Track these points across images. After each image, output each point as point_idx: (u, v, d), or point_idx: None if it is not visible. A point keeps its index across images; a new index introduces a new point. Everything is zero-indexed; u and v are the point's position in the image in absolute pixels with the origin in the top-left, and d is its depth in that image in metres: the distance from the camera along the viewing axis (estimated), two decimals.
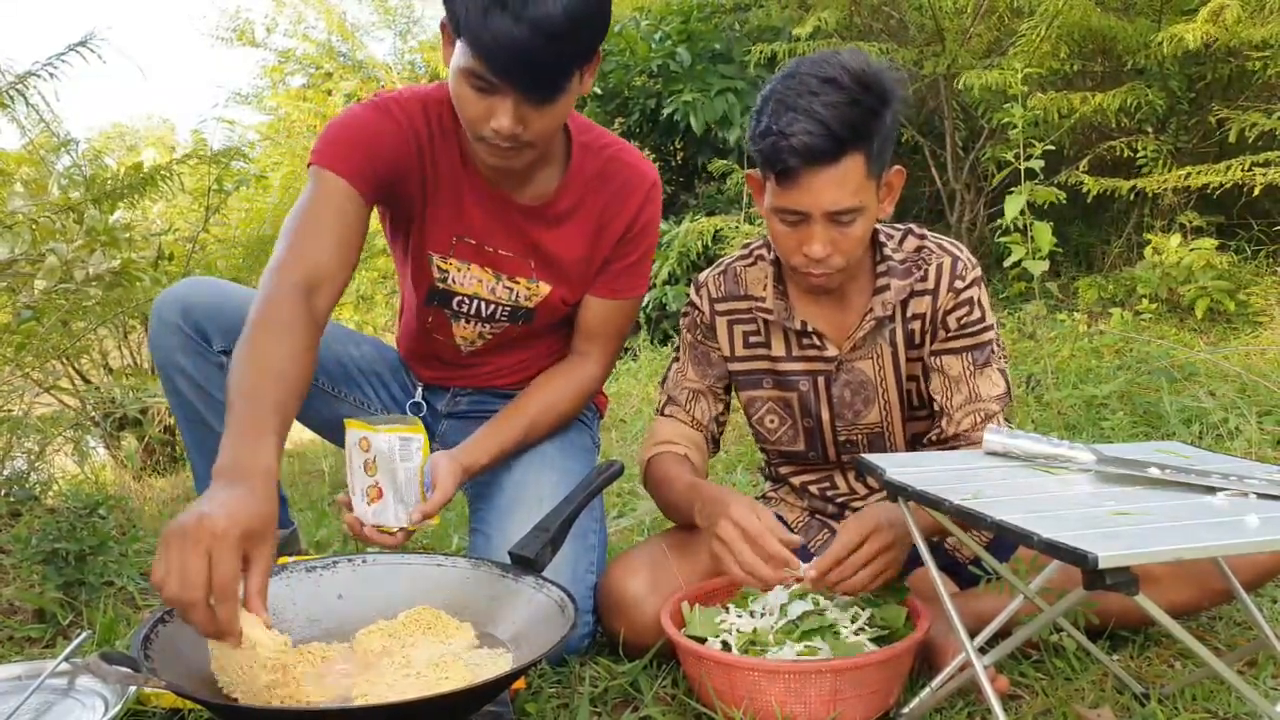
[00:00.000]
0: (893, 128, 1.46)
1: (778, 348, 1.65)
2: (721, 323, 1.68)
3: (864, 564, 1.35)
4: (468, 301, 1.71)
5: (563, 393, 1.71)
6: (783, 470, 1.74)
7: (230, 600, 1.03)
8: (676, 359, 1.74)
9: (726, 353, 1.68)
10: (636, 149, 1.73)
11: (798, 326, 1.61)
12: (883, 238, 1.60)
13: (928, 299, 1.58)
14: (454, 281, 1.69)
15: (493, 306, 1.71)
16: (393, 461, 1.47)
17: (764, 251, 1.67)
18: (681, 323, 1.74)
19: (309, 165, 1.52)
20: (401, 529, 1.49)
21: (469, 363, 1.81)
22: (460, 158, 1.60)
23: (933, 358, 1.59)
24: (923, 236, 1.61)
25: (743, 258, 1.69)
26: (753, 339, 1.67)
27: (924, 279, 1.58)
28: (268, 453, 1.15)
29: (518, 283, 1.69)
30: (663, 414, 1.72)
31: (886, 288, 1.58)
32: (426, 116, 1.58)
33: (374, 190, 1.53)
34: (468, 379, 1.84)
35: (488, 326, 1.74)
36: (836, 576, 1.35)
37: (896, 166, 1.52)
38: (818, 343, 1.61)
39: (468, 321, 1.74)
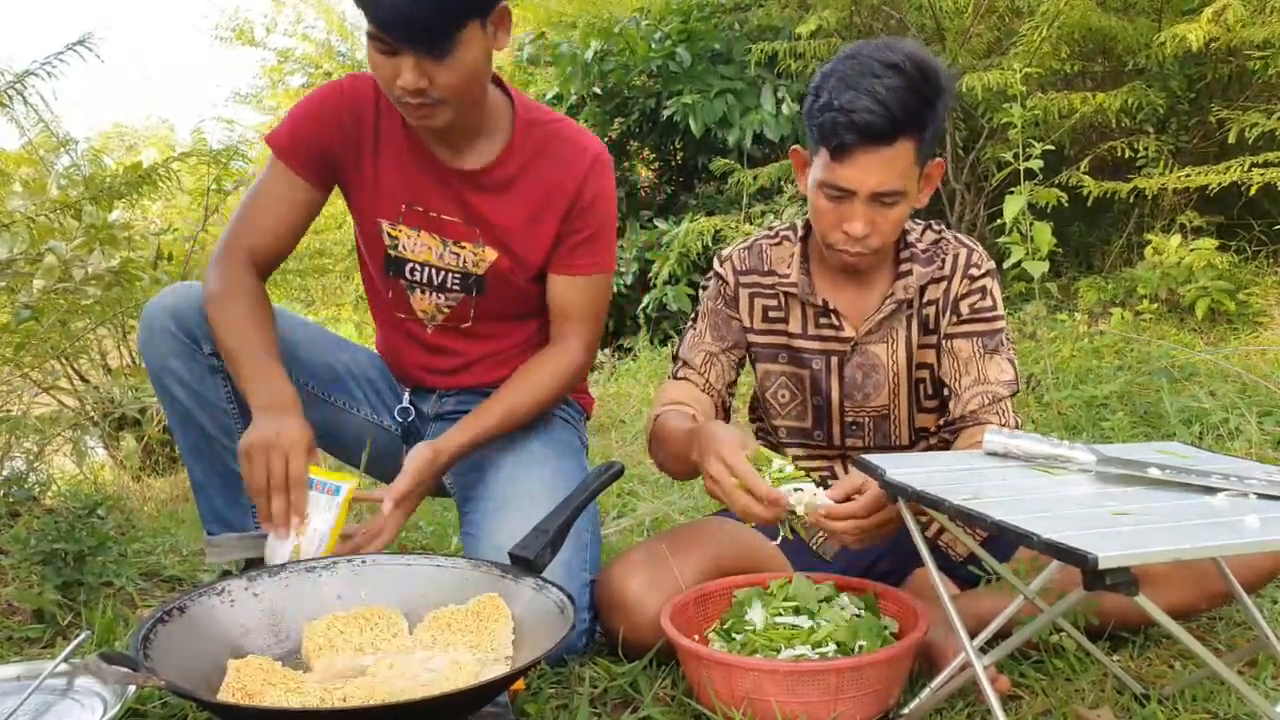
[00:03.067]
0: (943, 120, 1.50)
1: (795, 325, 1.68)
2: (744, 294, 1.71)
3: (862, 516, 1.33)
4: (420, 269, 1.75)
5: (543, 376, 1.71)
6: (787, 451, 1.74)
7: (301, 487, 1.46)
8: (693, 327, 1.75)
9: (746, 324, 1.71)
10: (581, 125, 1.77)
11: (819, 303, 1.64)
12: (907, 226, 1.65)
13: (943, 284, 1.63)
14: (404, 249, 1.74)
15: (443, 274, 1.75)
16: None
17: (790, 234, 1.71)
18: (702, 293, 1.76)
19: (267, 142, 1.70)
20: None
21: (439, 345, 1.81)
22: (405, 127, 1.67)
23: (945, 340, 1.63)
24: (940, 231, 1.67)
25: (769, 236, 1.72)
26: (772, 313, 1.70)
27: (941, 267, 1.63)
28: (286, 385, 1.54)
29: (464, 248, 1.72)
30: (675, 377, 1.73)
31: (909, 272, 1.63)
32: (377, 91, 1.67)
33: (317, 169, 1.69)
34: (447, 379, 1.84)
35: (443, 297, 1.76)
36: (842, 523, 1.33)
37: (937, 159, 1.56)
38: (835, 322, 1.65)
39: (424, 292, 1.77)
